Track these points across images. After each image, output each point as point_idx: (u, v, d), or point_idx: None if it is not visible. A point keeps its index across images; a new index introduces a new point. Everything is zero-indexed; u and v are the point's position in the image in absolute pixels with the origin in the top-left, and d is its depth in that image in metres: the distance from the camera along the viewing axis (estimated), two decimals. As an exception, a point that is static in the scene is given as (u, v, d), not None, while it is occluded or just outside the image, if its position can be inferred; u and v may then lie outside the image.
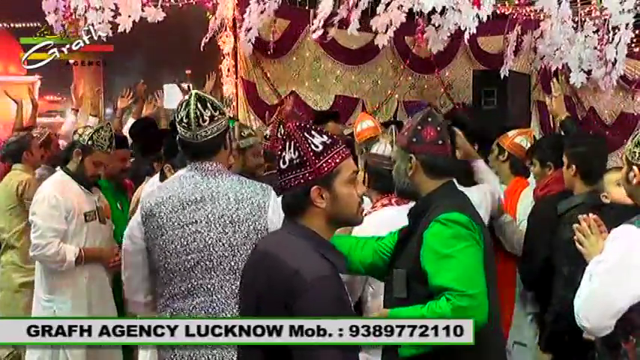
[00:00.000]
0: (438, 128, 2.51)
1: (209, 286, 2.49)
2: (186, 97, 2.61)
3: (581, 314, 2.31)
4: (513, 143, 4.10)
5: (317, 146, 2.01)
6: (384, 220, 2.78)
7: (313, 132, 2.04)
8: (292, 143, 2.03)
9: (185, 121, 2.55)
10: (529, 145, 4.14)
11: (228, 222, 2.48)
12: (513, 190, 4.06)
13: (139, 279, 2.68)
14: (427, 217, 2.42)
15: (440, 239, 2.36)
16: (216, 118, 2.57)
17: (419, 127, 2.51)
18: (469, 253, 2.33)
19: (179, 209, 2.52)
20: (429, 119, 2.52)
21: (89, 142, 3.87)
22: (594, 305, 2.29)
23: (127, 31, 5.72)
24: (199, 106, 2.55)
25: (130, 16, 5.67)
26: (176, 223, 2.51)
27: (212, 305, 2.49)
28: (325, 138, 2.04)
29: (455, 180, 2.59)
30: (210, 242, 2.49)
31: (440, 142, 2.50)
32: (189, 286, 2.50)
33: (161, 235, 2.53)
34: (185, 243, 2.50)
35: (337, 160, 2.02)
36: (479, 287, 2.28)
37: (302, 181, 2.01)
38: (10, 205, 4.44)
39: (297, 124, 2.06)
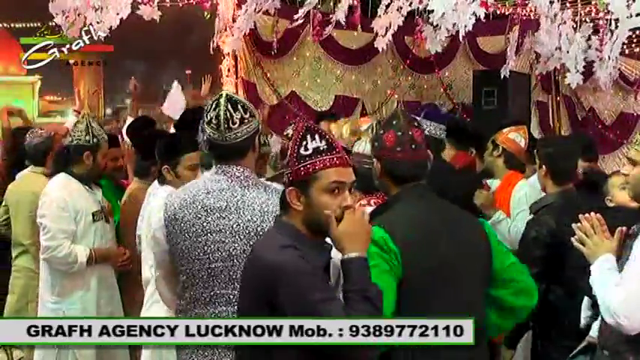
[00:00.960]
0: (399, 133, 2.38)
1: (231, 296, 2.44)
2: (216, 97, 2.54)
3: (621, 314, 2.30)
4: (507, 138, 4.13)
5: (307, 149, 2.04)
6: None
7: (315, 135, 2.05)
8: (290, 143, 2.07)
9: (214, 122, 2.48)
10: (523, 140, 4.18)
11: (253, 234, 2.43)
12: (506, 184, 4.07)
13: (170, 278, 2.66)
14: None
15: None
16: (246, 120, 2.50)
17: (381, 132, 2.44)
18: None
19: (203, 215, 2.47)
20: (393, 122, 2.42)
21: (94, 140, 3.86)
22: (636, 305, 2.30)
23: (114, 27, 5.72)
24: (229, 107, 2.48)
25: (118, 14, 5.66)
26: (199, 230, 2.47)
27: (234, 317, 2.42)
28: (323, 143, 2.04)
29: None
30: (234, 253, 2.44)
31: (398, 148, 2.38)
32: (212, 293, 2.47)
33: (184, 240, 2.50)
34: (208, 251, 2.46)
35: (317, 167, 2.02)
36: None
37: (286, 180, 2.08)
38: (32, 212, 4.16)
39: (306, 124, 2.08)
